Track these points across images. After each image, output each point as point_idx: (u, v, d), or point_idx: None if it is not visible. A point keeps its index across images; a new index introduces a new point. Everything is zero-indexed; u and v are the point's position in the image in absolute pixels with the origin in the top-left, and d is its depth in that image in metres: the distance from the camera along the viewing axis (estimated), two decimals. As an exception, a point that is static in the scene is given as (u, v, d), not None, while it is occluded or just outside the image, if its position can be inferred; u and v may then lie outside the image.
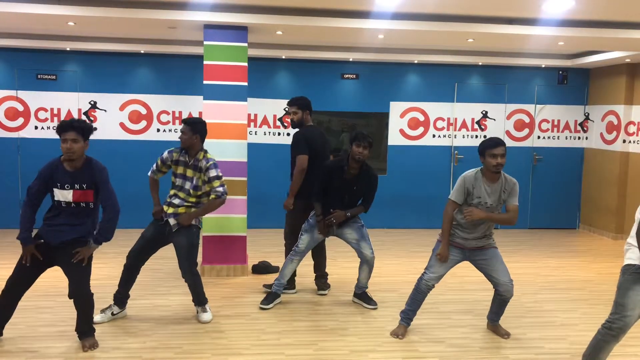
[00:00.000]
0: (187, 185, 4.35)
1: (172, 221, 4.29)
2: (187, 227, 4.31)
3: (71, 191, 3.69)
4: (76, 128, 3.61)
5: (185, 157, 4.38)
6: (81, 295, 3.77)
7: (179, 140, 4.38)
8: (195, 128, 4.34)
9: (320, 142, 5.00)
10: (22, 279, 3.78)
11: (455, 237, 4.02)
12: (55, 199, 3.73)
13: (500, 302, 4.18)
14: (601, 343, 3.19)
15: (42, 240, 3.74)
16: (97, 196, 3.79)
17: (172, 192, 4.42)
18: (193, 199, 4.34)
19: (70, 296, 3.77)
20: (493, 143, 3.86)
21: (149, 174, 4.53)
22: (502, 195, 3.93)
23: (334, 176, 4.59)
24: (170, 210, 4.32)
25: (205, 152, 4.41)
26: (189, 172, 4.35)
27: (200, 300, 4.45)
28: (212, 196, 4.33)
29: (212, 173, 4.30)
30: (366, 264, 4.75)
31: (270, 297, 4.77)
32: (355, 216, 4.71)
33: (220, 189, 4.32)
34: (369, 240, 4.73)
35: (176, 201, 4.33)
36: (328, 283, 5.19)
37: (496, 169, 3.85)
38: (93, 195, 3.76)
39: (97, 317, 4.24)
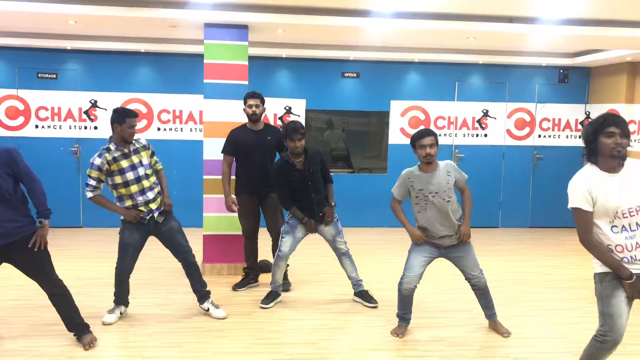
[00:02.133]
0: (142, 171, 4.19)
1: (156, 214, 4.25)
2: (169, 211, 4.35)
3: None
4: None
5: (119, 150, 4.12)
6: (52, 283, 3.69)
7: (131, 133, 4.14)
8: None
9: None
10: None
11: (431, 238, 4.07)
12: None
13: (479, 292, 4.22)
14: (596, 356, 3.11)
15: None
16: (7, 182, 3.42)
17: (134, 189, 4.13)
18: (153, 179, 4.29)
19: (42, 286, 3.67)
20: (421, 134, 3.99)
21: (90, 194, 4.09)
22: (447, 180, 3.99)
23: (289, 174, 4.58)
24: (154, 206, 4.23)
25: None
26: (135, 159, 4.19)
27: (205, 286, 4.48)
28: (159, 167, 4.44)
29: (152, 147, 4.40)
30: (344, 256, 4.79)
31: (271, 296, 4.77)
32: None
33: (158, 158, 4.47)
34: (342, 233, 4.77)
35: (151, 195, 4.21)
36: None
37: (427, 159, 3.96)
38: None
39: (107, 318, 4.27)
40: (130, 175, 4.13)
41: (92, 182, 4.09)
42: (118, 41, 6.97)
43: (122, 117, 4.11)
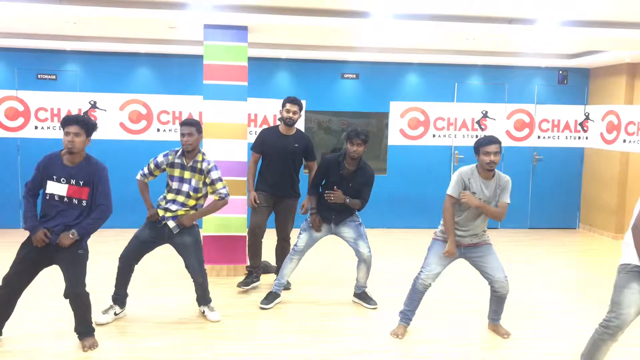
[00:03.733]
0: (185, 187, 4.29)
1: (171, 223, 4.26)
2: (189, 227, 4.31)
3: (66, 185, 3.72)
4: (80, 122, 3.69)
5: (181, 159, 4.31)
6: (75, 294, 3.74)
7: (183, 142, 4.24)
8: (200, 128, 4.33)
9: None
10: (19, 276, 3.74)
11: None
12: (48, 191, 3.72)
13: (497, 299, 4.19)
14: (598, 342, 3.19)
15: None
16: (92, 196, 3.77)
17: (169, 196, 4.31)
18: (193, 202, 4.32)
19: (65, 296, 3.75)
20: (487, 140, 3.92)
21: (138, 177, 4.42)
22: (497, 192, 3.99)
23: (331, 171, 4.61)
24: (169, 214, 4.27)
25: (203, 153, 4.38)
26: (187, 174, 4.30)
27: (206, 298, 4.48)
28: (216, 197, 4.36)
29: (215, 175, 4.31)
30: (363, 262, 4.76)
31: (270, 297, 4.77)
32: (353, 213, 4.69)
33: (224, 190, 4.35)
34: (367, 239, 4.74)
35: (173, 207, 4.26)
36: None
37: (489, 167, 3.90)
38: (88, 193, 3.75)
39: (100, 318, 4.25)
40: (174, 185, 4.31)
41: (145, 170, 4.40)
42: (117, 42, 6.96)
43: (180, 125, 4.32)
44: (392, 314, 4.51)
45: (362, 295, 4.87)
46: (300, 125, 7.82)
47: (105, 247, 6.44)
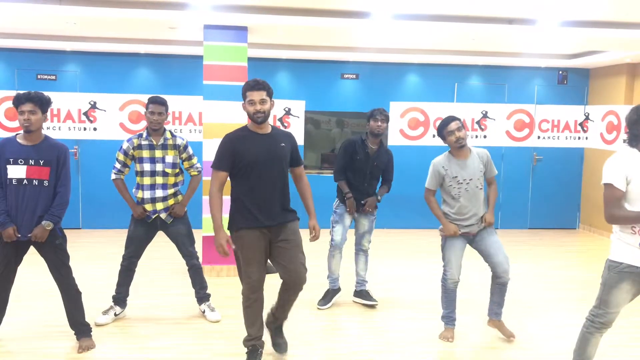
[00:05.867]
0: (159, 167, 4.23)
1: (163, 215, 4.28)
2: (182, 216, 4.37)
3: (25, 167, 3.52)
4: (34, 99, 3.56)
5: (149, 139, 4.23)
6: (68, 283, 3.75)
7: (152, 120, 4.16)
8: (167, 108, 4.29)
9: None
10: (2, 268, 3.66)
11: (461, 228, 4.03)
12: (9, 177, 3.52)
13: (499, 287, 4.10)
14: (587, 335, 3.18)
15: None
16: (55, 176, 3.59)
17: (145, 181, 4.21)
18: (172, 179, 4.31)
19: (60, 288, 3.74)
20: (445, 121, 3.99)
21: (113, 177, 4.27)
22: (480, 168, 4.00)
23: (357, 152, 4.69)
24: (160, 206, 4.26)
25: (170, 131, 4.35)
26: (158, 153, 4.22)
27: (204, 289, 4.51)
28: (194, 173, 4.44)
29: (191, 150, 4.39)
30: (363, 253, 4.88)
31: (328, 295, 4.85)
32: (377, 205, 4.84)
33: (199, 165, 4.46)
34: (372, 233, 4.88)
35: (160, 194, 4.24)
36: None
37: (458, 144, 3.94)
38: (49, 173, 3.57)
39: (100, 319, 4.26)
40: (146, 167, 4.22)
41: (117, 165, 4.27)
42: (117, 42, 6.96)
43: (147, 103, 4.24)
44: (391, 314, 4.51)
45: (362, 294, 4.88)
46: (299, 125, 7.86)
47: (105, 247, 6.45)
